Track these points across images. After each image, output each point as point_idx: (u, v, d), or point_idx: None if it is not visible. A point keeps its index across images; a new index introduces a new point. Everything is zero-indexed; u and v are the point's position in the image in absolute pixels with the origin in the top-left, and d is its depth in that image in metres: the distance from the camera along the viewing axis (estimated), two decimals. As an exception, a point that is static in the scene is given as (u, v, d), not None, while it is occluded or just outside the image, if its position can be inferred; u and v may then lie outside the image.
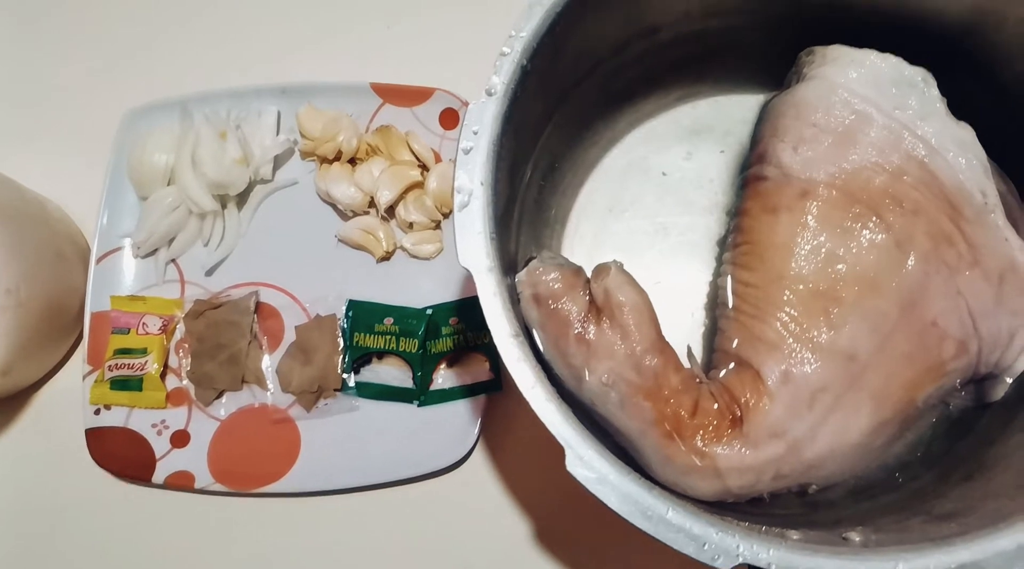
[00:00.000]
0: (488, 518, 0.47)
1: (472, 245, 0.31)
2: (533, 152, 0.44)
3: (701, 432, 0.39)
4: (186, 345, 0.50)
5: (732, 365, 0.40)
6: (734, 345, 0.41)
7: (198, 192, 0.50)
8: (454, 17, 0.56)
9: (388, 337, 0.49)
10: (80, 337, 0.52)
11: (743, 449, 0.39)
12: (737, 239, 0.43)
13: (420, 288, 0.51)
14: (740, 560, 0.28)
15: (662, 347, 0.41)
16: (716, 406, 0.40)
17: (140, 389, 0.48)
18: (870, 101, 0.40)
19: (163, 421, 0.49)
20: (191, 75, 0.55)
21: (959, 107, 0.40)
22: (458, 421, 0.47)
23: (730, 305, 0.41)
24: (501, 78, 0.33)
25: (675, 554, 0.45)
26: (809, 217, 0.40)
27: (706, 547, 0.28)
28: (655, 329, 0.41)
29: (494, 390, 0.47)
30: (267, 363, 0.50)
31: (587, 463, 0.29)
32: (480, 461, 0.48)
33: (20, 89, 0.57)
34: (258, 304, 0.50)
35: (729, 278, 0.42)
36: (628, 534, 0.45)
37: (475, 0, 0.56)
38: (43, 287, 0.46)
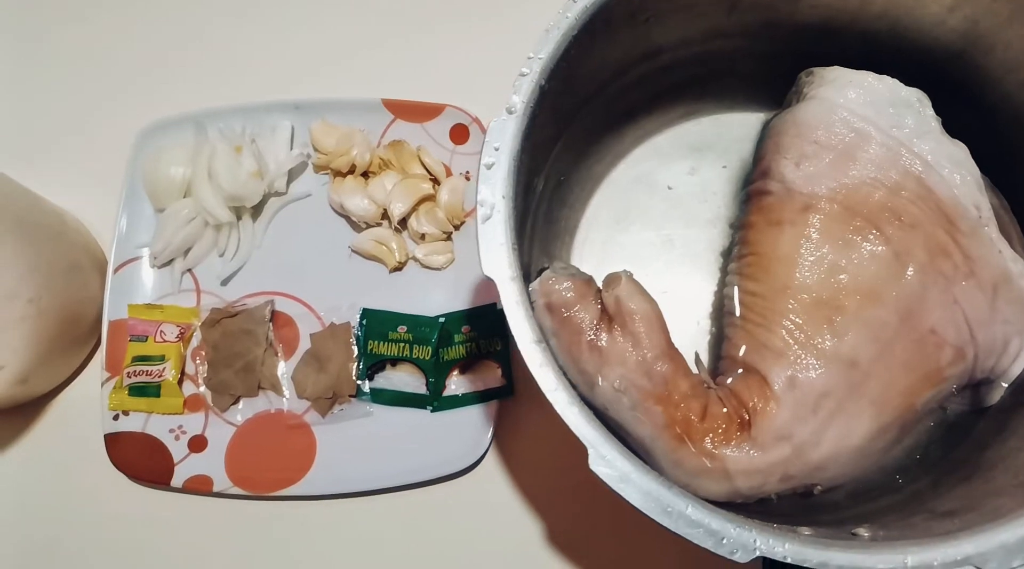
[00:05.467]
0: (500, 520, 0.48)
1: (495, 256, 0.33)
2: (544, 167, 0.46)
3: (711, 435, 0.41)
4: (203, 353, 0.51)
5: (740, 371, 0.42)
6: (741, 352, 0.42)
7: (214, 204, 0.51)
8: (463, 36, 0.58)
9: (402, 345, 0.50)
10: (96, 345, 0.52)
11: (751, 451, 0.41)
12: (742, 251, 0.44)
13: (432, 297, 0.52)
14: (757, 553, 0.29)
15: (672, 354, 0.43)
16: (725, 410, 0.41)
17: (158, 395, 0.49)
18: (868, 120, 0.42)
19: (180, 426, 0.50)
20: (205, 91, 0.57)
21: (952, 126, 0.42)
22: (471, 426, 0.49)
23: (737, 313, 0.43)
24: (521, 97, 0.35)
25: (684, 554, 0.47)
26: (811, 230, 0.42)
27: (724, 541, 0.30)
28: (665, 336, 0.43)
29: (506, 396, 0.48)
30: (283, 370, 0.51)
31: (609, 462, 0.31)
32: (492, 465, 0.49)
33: (39, 103, 0.58)
34: (273, 313, 0.52)
35: (735, 288, 0.44)
36: (638, 534, 0.47)
37: (483, 20, 0.58)
38: (61, 297, 0.47)
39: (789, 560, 0.29)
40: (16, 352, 0.44)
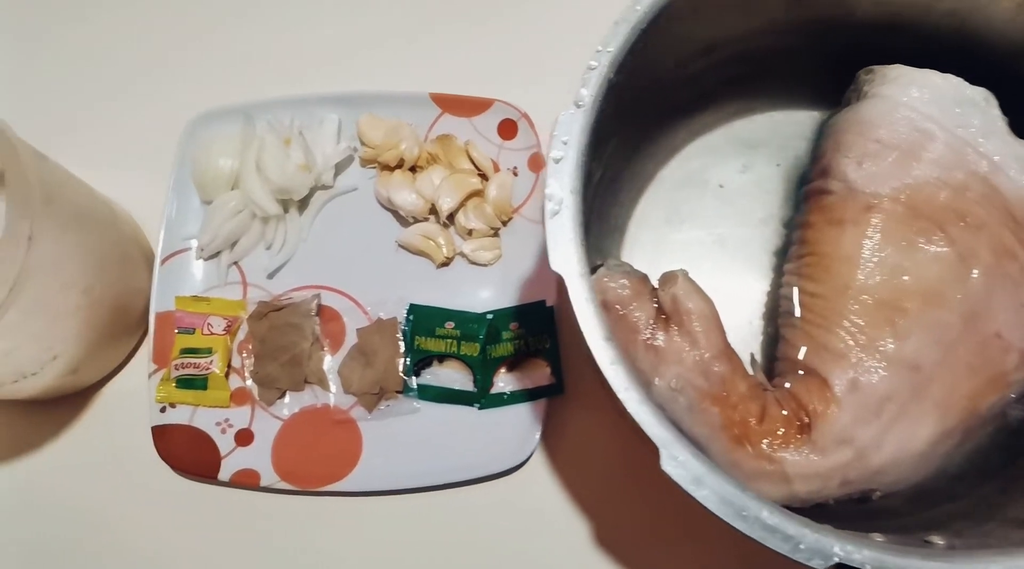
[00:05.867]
0: (547, 520, 0.48)
1: (564, 251, 0.33)
2: (601, 163, 0.45)
3: (769, 438, 0.41)
4: (249, 346, 0.51)
5: (800, 373, 0.41)
6: (800, 354, 0.42)
7: (262, 196, 0.51)
8: (513, 30, 0.57)
9: (449, 341, 0.50)
10: (142, 338, 0.52)
11: (811, 455, 0.40)
12: (801, 250, 0.44)
13: (478, 294, 0.52)
14: (835, 560, 0.29)
15: (729, 354, 0.43)
16: (784, 413, 0.41)
17: (205, 388, 0.49)
18: (933, 119, 0.42)
19: (227, 420, 0.50)
20: (252, 83, 0.57)
21: (1020, 126, 0.41)
22: (518, 424, 0.48)
23: (796, 314, 0.42)
24: (589, 90, 0.34)
25: (745, 559, 0.46)
26: (874, 230, 0.41)
27: (802, 547, 0.29)
28: (722, 336, 0.42)
29: (555, 394, 0.48)
30: (329, 364, 0.51)
31: (682, 463, 0.30)
32: (539, 464, 0.49)
33: (87, 93, 0.58)
34: (320, 307, 0.51)
35: (794, 288, 0.43)
36: (690, 537, 0.47)
37: (533, 14, 0.58)
38: (113, 287, 0.47)
39: (868, 567, 0.29)
40: (69, 342, 0.44)
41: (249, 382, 0.50)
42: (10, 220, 0.37)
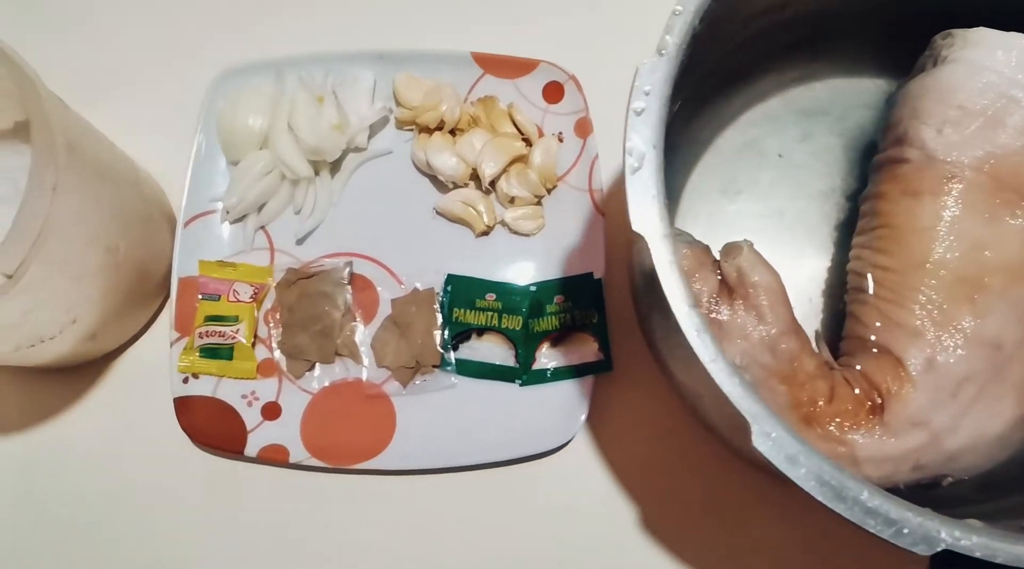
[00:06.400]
0: (591, 503, 0.45)
1: (646, 210, 0.30)
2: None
3: (839, 419, 0.38)
4: (277, 315, 0.48)
5: (874, 351, 0.39)
6: (871, 332, 0.39)
7: (294, 157, 0.48)
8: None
9: (490, 314, 0.47)
10: (162, 304, 0.50)
11: (883, 437, 0.38)
12: (872, 223, 0.41)
13: (519, 265, 0.49)
14: (942, 546, 0.27)
15: (797, 330, 0.40)
16: (856, 392, 0.38)
17: (230, 358, 0.47)
18: (1020, 84, 0.39)
19: (253, 392, 0.47)
20: (282, 36, 0.54)
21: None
22: (562, 402, 0.46)
23: (869, 291, 0.40)
24: (673, 38, 0.32)
25: (791, 544, 0.44)
26: (954, 201, 0.39)
27: (905, 532, 0.27)
28: (789, 311, 0.40)
29: (603, 371, 0.46)
30: (361, 336, 0.48)
31: (775, 440, 0.28)
32: (583, 444, 0.46)
33: (107, 46, 0.55)
34: (352, 275, 0.48)
35: (863, 263, 0.41)
36: (738, 523, 0.44)
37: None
38: (136, 248, 0.44)
39: (977, 555, 0.26)
40: (90, 304, 0.41)
41: (277, 353, 0.47)
42: (35, 168, 0.34)
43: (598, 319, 0.46)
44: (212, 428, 0.45)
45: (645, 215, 0.30)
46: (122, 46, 0.54)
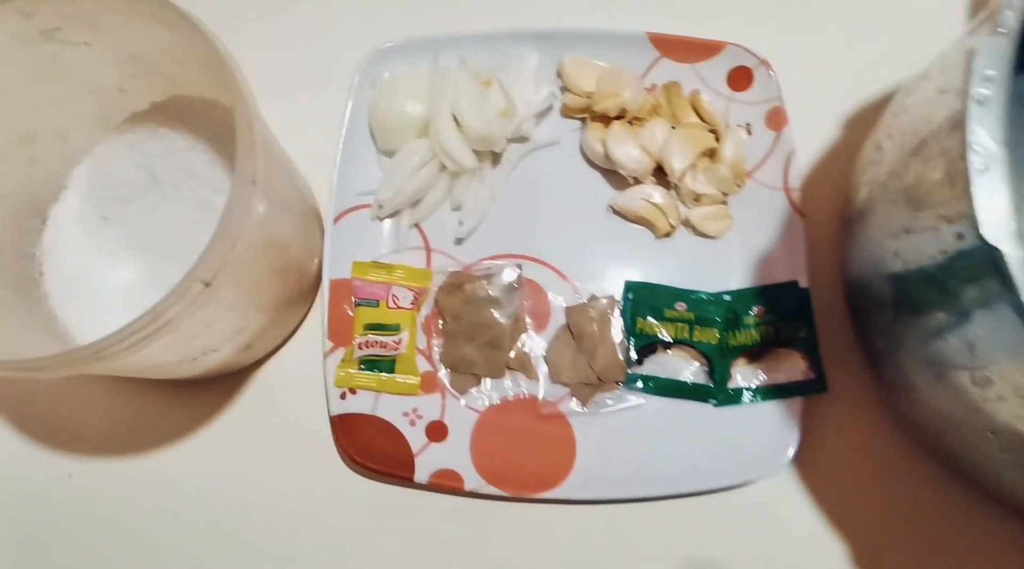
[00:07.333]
0: (795, 540, 0.41)
1: (999, 218, 0.25)
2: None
3: None
4: (436, 323, 0.43)
5: None
6: None
7: (458, 147, 0.43)
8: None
9: (680, 325, 0.42)
10: (308, 309, 0.45)
11: None
12: None
13: (706, 270, 0.44)
14: None
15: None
16: None
17: (391, 371, 0.42)
18: None
19: (415, 410, 0.42)
20: (435, 14, 0.48)
21: None
22: (766, 426, 0.41)
23: None
24: (1016, 11, 0.27)
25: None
26: None
27: None
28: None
29: (815, 392, 0.41)
30: (533, 348, 0.43)
31: None
32: (788, 473, 0.41)
33: (248, 30, 0.49)
34: (521, 280, 0.43)
35: None
36: (966, 564, 0.40)
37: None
38: (302, 248, 0.39)
39: None
40: (257, 313, 0.36)
41: (442, 370, 0.42)
42: (239, 173, 0.29)
43: (806, 333, 0.41)
44: (375, 450, 0.41)
45: (999, 223, 0.25)
46: (262, 29, 0.49)
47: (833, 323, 0.42)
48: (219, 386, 0.43)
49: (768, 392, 0.41)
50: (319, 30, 0.49)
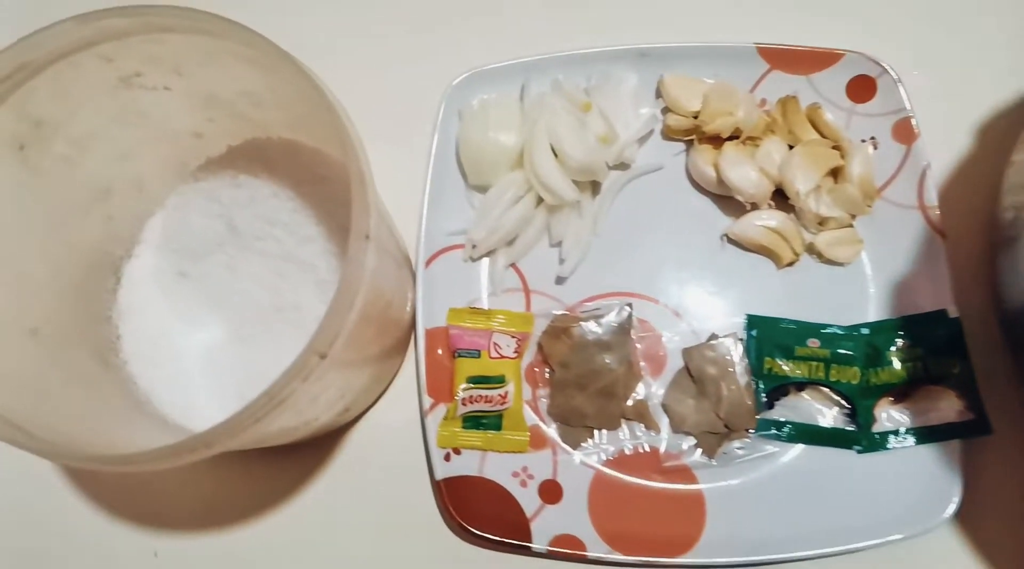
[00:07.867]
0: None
1: None
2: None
3: None
4: (544, 371, 0.40)
5: None
6: None
7: (557, 179, 0.39)
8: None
9: (815, 364, 0.38)
10: (401, 362, 0.41)
11: None
12: None
13: (837, 301, 0.40)
14: None
15: None
16: None
17: (499, 428, 0.38)
18: None
19: (525, 469, 0.38)
20: (521, 36, 0.45)
21: None
22: (919, 474, 0.37)
23: None
24: None
25: None
26: None
27: None
28: None
29: (976, 434, 0.36)
30: (650, 395, 0.39)
31: None
32: (949, 528, 0.37)
33: (324, 59, 0.46)
34: (631, 320, 0.40)
35: None
36: None
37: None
38: (397, 296, 0.36)
39: None
40: (359, 375, 0.33)
41: (552, 424, 0.39)
42: (355, 240, 0.25)
43: (960, 368, 0.37)
44: (487, 516, 0.37)
45: None
46: (337, 59, 0.46)
47: (988, 357, 0.38)
48: (310, 451, 0.40)
49: (920, 436, 0.37)
50: (399, 60, 0.46)
